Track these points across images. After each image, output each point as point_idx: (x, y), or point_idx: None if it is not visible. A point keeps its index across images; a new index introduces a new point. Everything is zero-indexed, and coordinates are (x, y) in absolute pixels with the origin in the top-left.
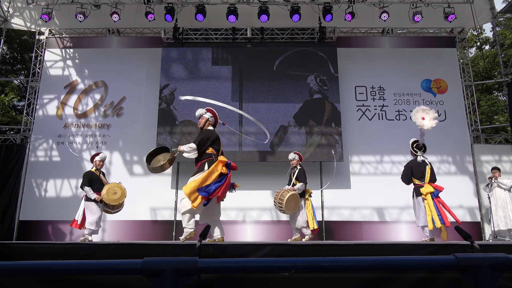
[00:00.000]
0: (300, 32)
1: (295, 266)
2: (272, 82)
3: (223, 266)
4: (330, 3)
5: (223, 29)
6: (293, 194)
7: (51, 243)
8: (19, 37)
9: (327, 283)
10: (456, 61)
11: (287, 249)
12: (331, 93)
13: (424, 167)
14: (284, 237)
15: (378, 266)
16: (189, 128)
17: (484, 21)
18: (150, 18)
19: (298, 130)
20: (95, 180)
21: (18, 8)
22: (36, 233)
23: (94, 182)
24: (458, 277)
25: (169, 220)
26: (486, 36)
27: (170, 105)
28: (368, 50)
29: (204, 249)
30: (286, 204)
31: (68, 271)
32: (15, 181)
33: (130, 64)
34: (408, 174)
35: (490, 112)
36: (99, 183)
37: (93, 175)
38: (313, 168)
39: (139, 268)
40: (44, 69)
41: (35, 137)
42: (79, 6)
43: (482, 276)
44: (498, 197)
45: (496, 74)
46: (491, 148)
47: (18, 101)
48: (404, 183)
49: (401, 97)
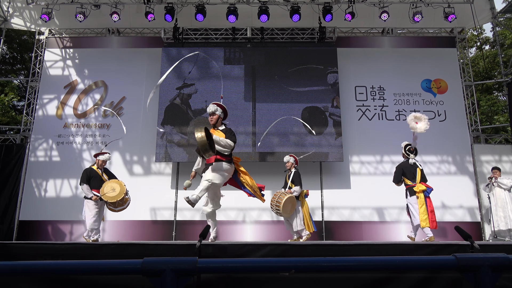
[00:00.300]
0: (300, 32)
1: (295, 266)
2: (272, 81)
3: (223, 266)
4: (330, 3)
5: (223, 29)
6: (290, 197)
7: (51, 243)
8: (19, 37)
9: (327, 283)
10: (456, 61)
11: (287, 249)
12: (331, 93)
13: (415, 169)
14: (284, 237)
15: (378, 266)
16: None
17: (484, 21)
18: (150, 18)
19: (298, 130)
20: (94, 177)
21: (18, 8)
22: (36, 233)
23: (93, 179)
24: (458, 277)
25: (169, 220)
26: (486, 36)
27: (184, 104)
28: (368, 50)
29: (204, 249)
30: (284, 207)
31: (68, 271)
32: (15, 181)
33: (130, 64)
34: (399, 175)
35: (490, 112)
36: (99, 180)
37: (92, 172)
38: (313, 168)
39: (139, 268)
40: (44, 69)
41: (35, 137)
42: (79, 6)
43: (482, 276)
44: (498, 197)
45: (496, 74)
46: (491, 148)
47: (18, 101)
48: (394, 183)
49: (401, 97)
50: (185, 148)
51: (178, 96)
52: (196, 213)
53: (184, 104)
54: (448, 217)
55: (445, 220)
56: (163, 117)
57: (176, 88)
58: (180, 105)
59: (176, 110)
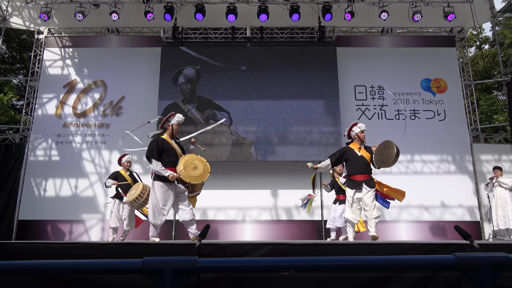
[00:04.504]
0: (299, 32)
1: (295, 265)
2: (272, 81)
3: (222, 265)
4: (329, 2)
5: (222, 28)
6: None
7: (51, 243)
8: (18, 36)
9: (326, 283)
10: (455, 60)
11: (287, 248)
12: (331, 93)
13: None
14: (284, 236)
15: (378, 266)
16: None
17: (484, 21)
18: (149, 17)
19: (298, 130)
20: (120, 179)
21: (17, 7)
22: (35, 232)
23: (119, 181)
24: (458, 276)
25: (169, 219)
26: (486, 35)
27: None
28: (367, 49)
29: (204, 248)
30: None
31: (67, 270)
32: (14, 181)
33: (129, 63)
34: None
35: (490, 112)
36: (124, 181)
37: (118, 175)
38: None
39: (138, 268)
40: (43, 69)
41: (34, 137)
42: (78, 5)
43: (481, 276)
44: (498, 197)
45: (495, 74)
46: (491, 147)
47: (17, 100)
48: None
49: (401, 97)
50: (184, 148)
51: (181, 94)
52: (196, 213)
53: (186, 102)
54: (447, 217)
55: (445, 220)
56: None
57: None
58: (180, 105)
59: (176, 110)
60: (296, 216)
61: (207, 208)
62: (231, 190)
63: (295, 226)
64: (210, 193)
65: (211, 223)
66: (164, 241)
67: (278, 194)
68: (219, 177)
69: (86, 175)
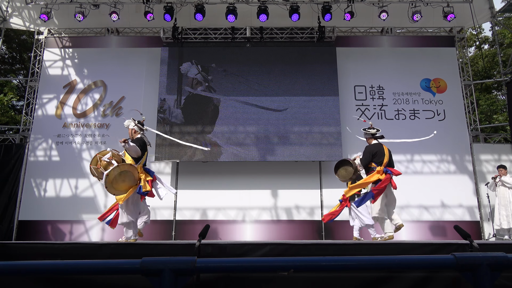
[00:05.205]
0: (299, 32)
1: (295, 265)
2: (272, 81)
3: (222, 265)
4: (329, 3)
5: (222, 28)
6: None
7: (51, 243)
8: (18, 37)
9: (326, 283)
10: (455, 60)
11: (287, 248)
12: (331, 93)
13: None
14: (284, 236)
15: (378, 266)
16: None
17: (483, 21)
18: (149, 18)
19: (298, 130)
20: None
21: (17, 8)
22: (35, 233)
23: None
24: (457, 276)
25: (168, 220)
26: (485, 35)
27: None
28: (367, 49)
29: (204, 248)
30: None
31: (67, 271)
32: (14, 181)
33: (129, 63)
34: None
35: (489, 111)
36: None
37: None
38: (313, 167)
39: (138, 268)
40: (43, 69)
41: (34, 137)
42: (78, 6)
43: (481, 275)
44: (501, 196)
45: (495, 73)
46: (491, 147)
47: (17, 101)
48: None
49: (400, 97)
50: (184, 148)
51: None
52: (196, 213)
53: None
54: (447, 216)
55: (444, 219)
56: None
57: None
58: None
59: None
60: (296, 216)
61: (207, 208)
62: (231, 190)
63: (295, 226)
64: (210, 193)
65: (211, 223)
66: (164, 241)
67: (278, 194)
68: (219, 177)
69: (86, 175)
